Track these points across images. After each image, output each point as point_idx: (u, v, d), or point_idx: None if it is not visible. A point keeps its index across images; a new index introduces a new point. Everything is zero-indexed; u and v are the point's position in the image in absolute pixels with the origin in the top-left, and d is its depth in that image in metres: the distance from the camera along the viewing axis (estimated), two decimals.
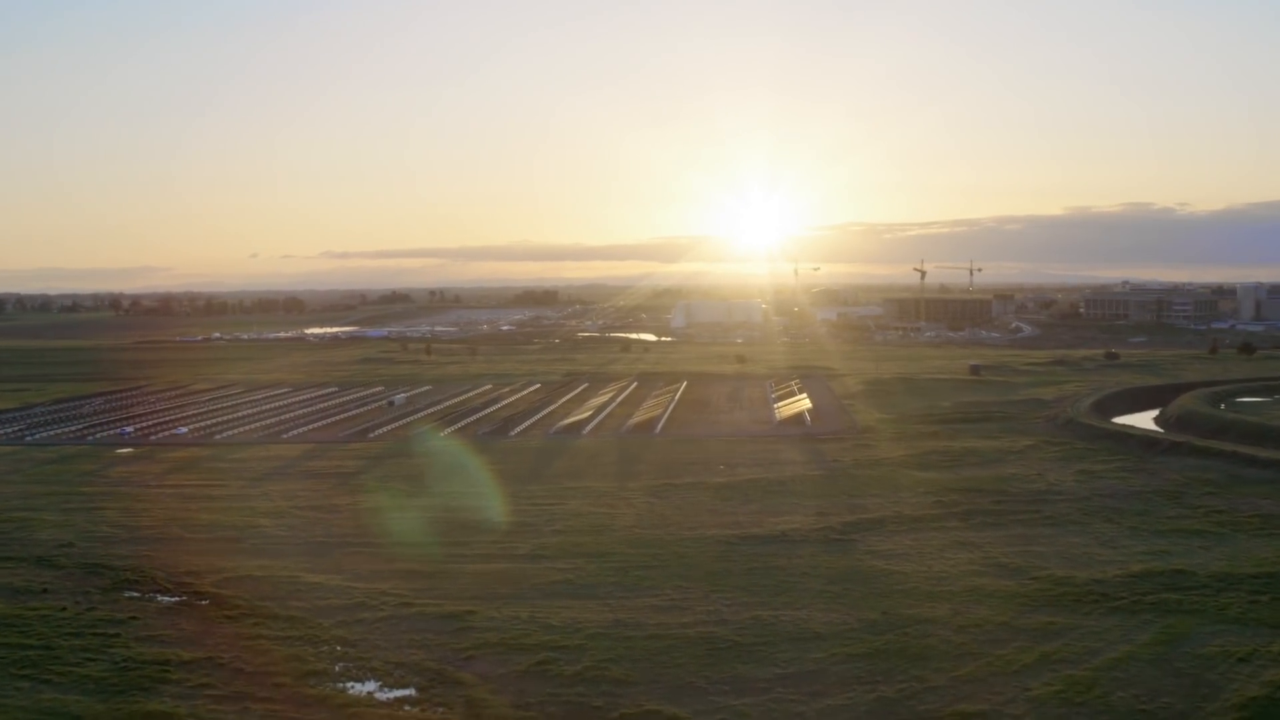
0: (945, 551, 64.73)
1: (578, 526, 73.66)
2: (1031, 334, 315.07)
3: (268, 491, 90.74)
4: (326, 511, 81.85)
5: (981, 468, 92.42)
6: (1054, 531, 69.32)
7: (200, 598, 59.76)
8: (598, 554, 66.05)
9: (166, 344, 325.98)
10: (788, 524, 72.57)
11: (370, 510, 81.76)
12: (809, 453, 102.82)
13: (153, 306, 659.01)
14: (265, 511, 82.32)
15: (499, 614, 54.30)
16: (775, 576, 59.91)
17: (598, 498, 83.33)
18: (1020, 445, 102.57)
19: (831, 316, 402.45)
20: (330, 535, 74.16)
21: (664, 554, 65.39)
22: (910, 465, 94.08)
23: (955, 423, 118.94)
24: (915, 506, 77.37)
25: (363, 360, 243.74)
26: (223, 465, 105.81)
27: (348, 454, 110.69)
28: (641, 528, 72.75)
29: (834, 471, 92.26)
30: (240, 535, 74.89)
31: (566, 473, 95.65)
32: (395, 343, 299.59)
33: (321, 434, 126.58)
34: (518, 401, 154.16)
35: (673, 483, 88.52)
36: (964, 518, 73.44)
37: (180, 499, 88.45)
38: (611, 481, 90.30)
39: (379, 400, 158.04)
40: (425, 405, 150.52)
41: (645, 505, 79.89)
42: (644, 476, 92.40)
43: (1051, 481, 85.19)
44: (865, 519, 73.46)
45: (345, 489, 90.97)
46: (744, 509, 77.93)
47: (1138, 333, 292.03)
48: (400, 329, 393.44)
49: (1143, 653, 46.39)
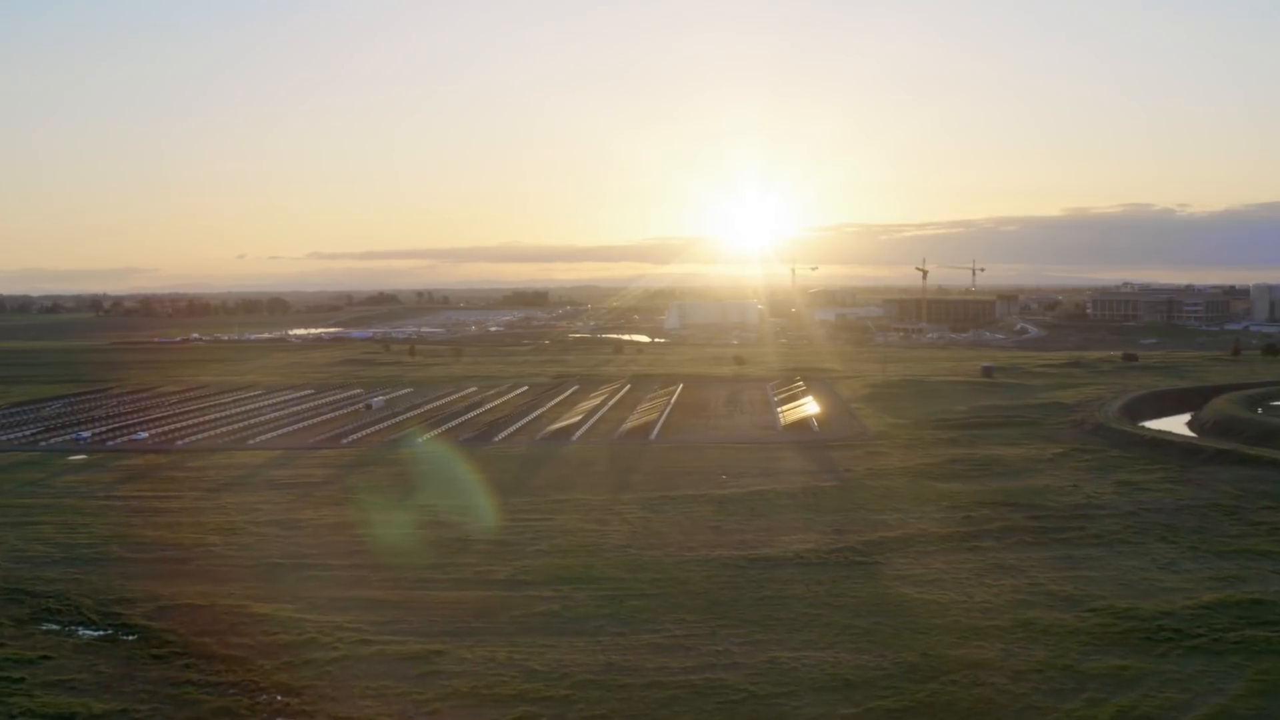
0: (984, 577, 57.45)
1: (565, 546, 66.22)
2: (1037, 335, 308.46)
3: (224, 504, 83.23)
4: (286, 528, 74.30)
5: (1010, 478, 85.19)
6: (1103, 552, 62.07)
7: (128, 631, 52.32)
8: (587, 579, 58.64)
9: (143, 345, 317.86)
10: (801, 543, 65.22)
11: (335, 526, 74.25)
12: (818, 461, 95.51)
13: (134, 307, 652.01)
14: (217, 527, 74.79)
15: (471, 655, 46.89)
16: (792, 607, 52.55)
17: (587, 512, 75.88)
18: (1049, 453, 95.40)
19: (830, 318, 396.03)
20: (287, 556, 66.62)
21: (663, 579, 57.99)
22: (931, 475, 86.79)
23: (974, 428, 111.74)
24: (942, 523, 70.08)
25: (343, 362, 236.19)
26: (179, 474, 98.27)
27: (317, 462, 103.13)
28: (637, 548, 65.32)
29: (847, 483, 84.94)
30: (186, 555, 67.40)
31: (554, 483, 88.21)
32: (379, 344, 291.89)
33: (290, 439, 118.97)
34: (503, 405, 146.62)
35: (670, 495, 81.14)
36: (999, 536, 66.17)
37: (127, 512, 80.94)
38: (603, 493, 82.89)
39: (356, 404, 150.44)
40: (404, 409, 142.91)
41: (640, 521, 72.47)
42: (639, 488, 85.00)
43: (1090, 494, 77.97)
44: (888, 537, 66.15)
45: (310, 501, 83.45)
46: (751, 526, 70.56)
47: (1148, 334, 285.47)
48: (385, 330, 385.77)
49: (1241, 707, 39.21)
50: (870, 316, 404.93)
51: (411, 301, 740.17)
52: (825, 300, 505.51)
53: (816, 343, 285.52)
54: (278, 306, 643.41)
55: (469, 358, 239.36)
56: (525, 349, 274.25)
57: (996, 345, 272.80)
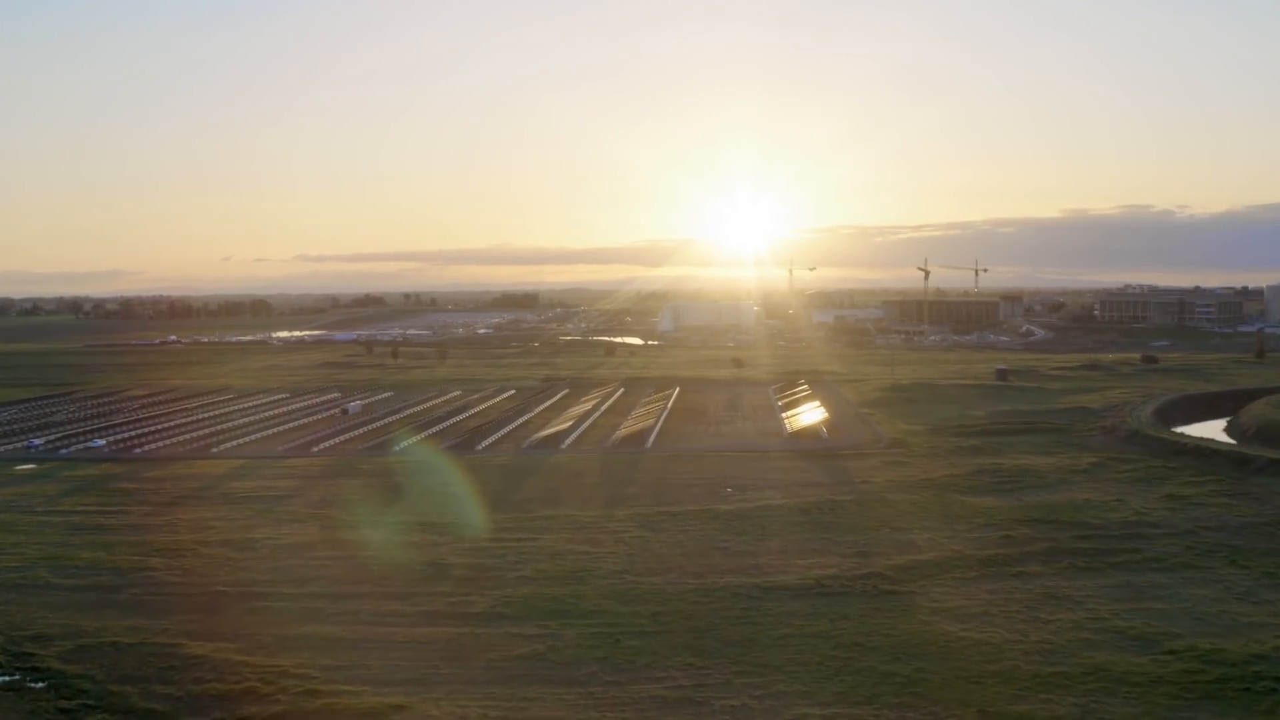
0: (1037, 609, 50.23)
1: (552, 572, 58.83)
2: (1044, 337, 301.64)
3: (173, 520, 75.73)
4: (239, 549, 66.82)
5: (1046, 491, 78.02)
6: (1168, 579, 54.89)
7: (37, 677, 44.98)
8: (577, 613, 51.32)
9: (119, 347, 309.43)
10: (822, 569, 57.94)
11: (293, 548, 66.78)
12: (832, 472, 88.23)
13: (115, 310, 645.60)
14: (162, 548, 67.34)
15: (438, 710, 39.64)
16: (818, 649, 45.28)
17: (577, 530, 68.50)
18: (1083, 463, 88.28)
19: (828, 319, 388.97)
20: (235, 583, 59.19)
21: (665, 614, 50.66)
22: (958, 488, 79.55)
23: (997, 435, 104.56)
24: (978, 543, 62.86)
25: (323, 364, 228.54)
26: (130, 486, 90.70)
27: (282, 472, 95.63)
28: (634, 574, 57.98)
29: (866, 496, 77.63)
30: (121, 581, 60.01)
31: (540, 497, 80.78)
32: (361, 346, 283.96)
33: (257, 447, 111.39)
34: (488, 410, 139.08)
35: (670, 511, 73.79)
36: (1046, 559, 58.96)
37: (66, 530, 73.51)
38: (595, 509, 75.51)
39: (331, 409, 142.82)
40: (383, 414, 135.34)
41: (638, 542, 65.12)
42: (635, 502, 77.64)
43: (1139, 510, 70.78)
44: (920, 561, 58.90)
45: (268, 518, 75.94)
46: (763, 547, 63.24)
47: (1159, 336, 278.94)
48: (370, 332, 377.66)
49: None
50: (870, 318, 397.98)
51: (398, 304, 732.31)
52: (822, 302, 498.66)
53: (816, 345, 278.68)
54: (261, 309, 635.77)
55: (454, 360, 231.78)
56: (513, 351, 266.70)
57: (1002, 348, 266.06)
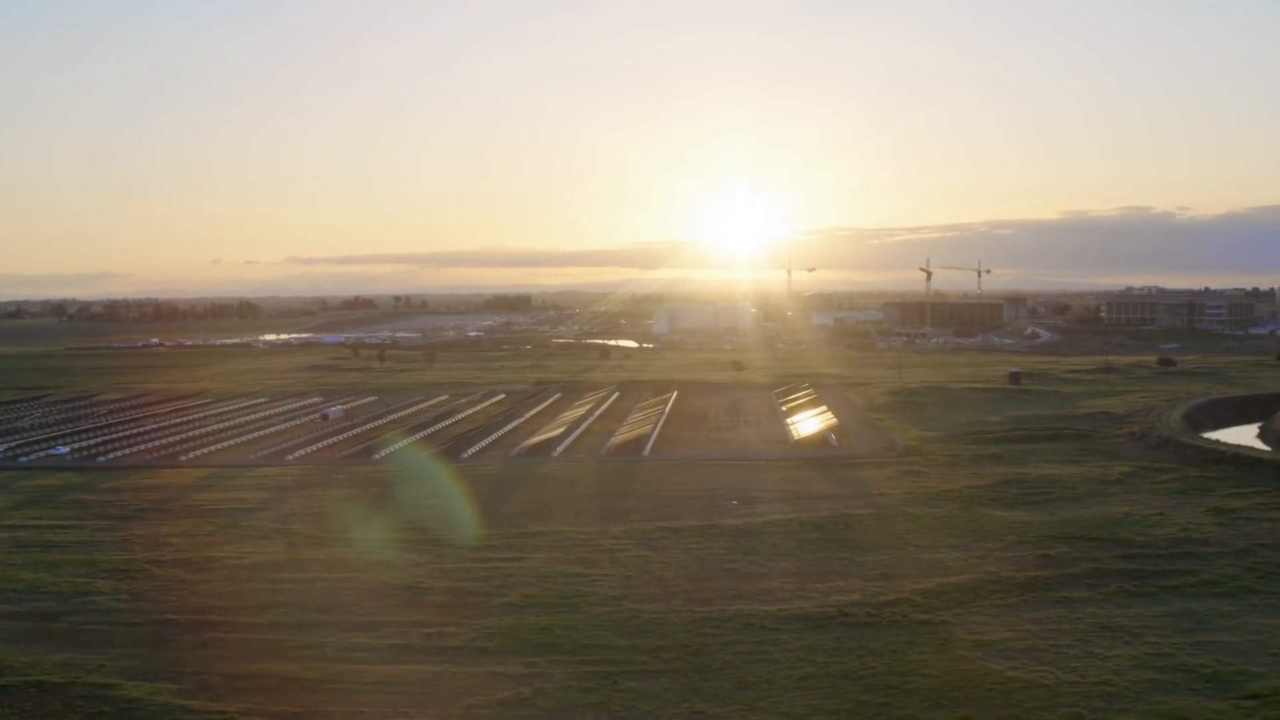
0: (1090, 642, 44.60)
1: (541, 597, 53.08)
2: (1051, 339, 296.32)
3: (127, 537, 69.93)
4: (195, 570, 61.01)
5: (1079, 504, 72.42)
6: (1232, 606, 49.30)
7: None
8: (569, 647, 45.60)
9: (101, 350, 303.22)
10: (844, 594, 52.25)
11: (255, 568, 60.97)
12: (844, 483, 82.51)
13: (100, 312, 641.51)
14: (111, 568, 61.58)
15: None
16: (848, 693, 39.62)
17: (570, 549, 62.74)
18: (1115, 472, 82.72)
19: (827, 322, 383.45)
20: (187, 609, 53.40)
21: (669, 649, 44.94)
22: (983, 500, 73.92)
23: (1018, 442, 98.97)
24: (1013, 564, 57.23)
25: (306, 368, 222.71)
26: (89, 498, 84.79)
27: (252, 483, 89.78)
28: (633, 600, 52.25)
29: (885, 510, 71.96)
30: (61, 608, 54.24)
31: (530, 511, 75.00)
32: (348, 349, 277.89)
33: (228, 455, 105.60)
34: (476, 415, 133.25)
35: (671, 526, 68.07)
36: (1091, 583, 53.34)
37: (9, 547, 67.74)
38: (589, 524, 69.76)
39: (311, 414, 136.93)
40: (364, 419, 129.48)
41: (636, 562, 59.39)
42: (632, 517, 71.88)
43: (1184, 525, 65.18)
44: (952, 585, 53.23)
45: (233, 533, 70.19)
46: (776, 569, 57.54)
47: (1169, 338, 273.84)
48: (359, 335, 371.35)
49: None
50: (870, 320, 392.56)
51: (388, 306, 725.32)
52: (821, 304, 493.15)
53: (815, 347, 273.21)
54: (249, 311, 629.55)
55: (443, 363, 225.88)
56: (504, 354, 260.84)
57: (1008, 350, 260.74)
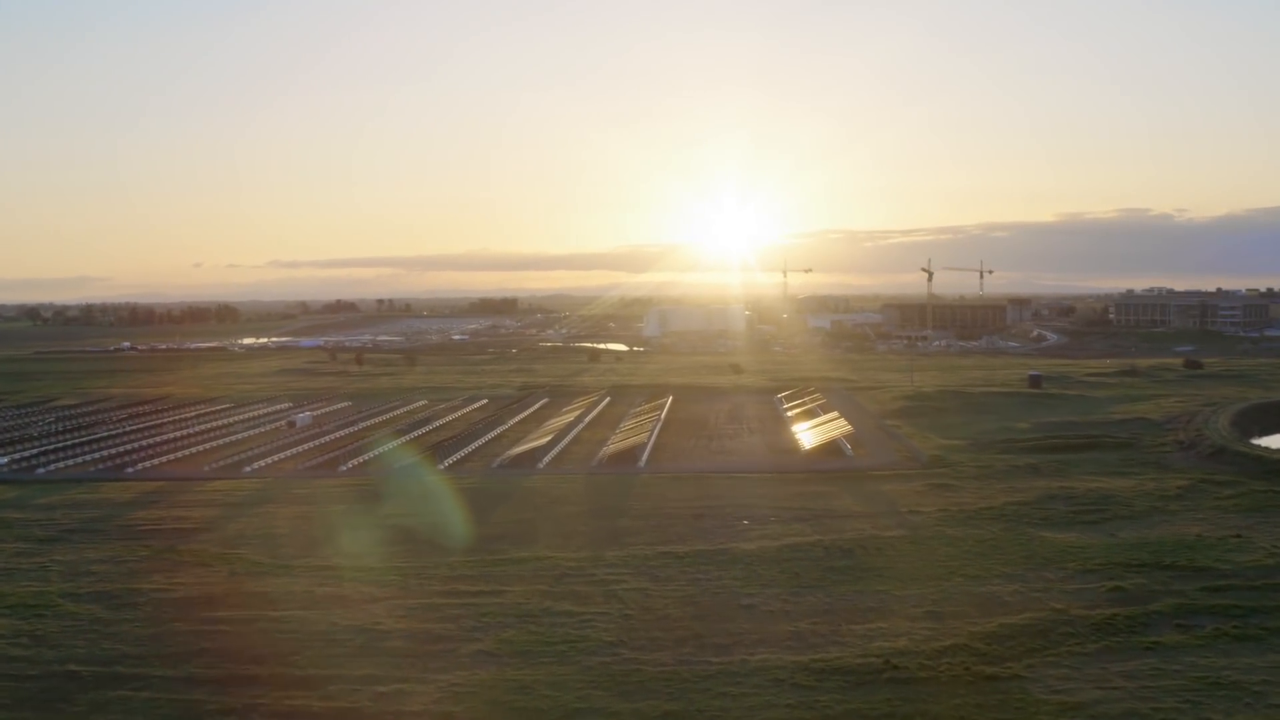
0: (1203, 705, 36.39)
1: (522, 643, 44.57)
2: (1058, 342, 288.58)
3: (45, 564, 61.21)
4: (113, 606, 52.34)
5: (1140, 524, 64.19)
6: None
7: None
8: (556, 712, 37.10)
9: (70, 354, 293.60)
10: (887, 638, 43.86)
11: (184, 603, 52.30)
12: (868, 499, 74.11)
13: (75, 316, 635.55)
14: (18, 602, 53.05)
15: None
16: None
17: (557, 580, 54.22)
18: (1171, 486, 74.51)
19: (824, 324, 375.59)
20: (94, 658, 44.78)
21: (682, 714, 36.48)
22: (1029, 519, 65.62)
23: (1054, 451, 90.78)
24: (1082, 598, 48.92)
25: (280, 372, 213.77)
26: (14, 515, 76.07)
27: (201, 498, 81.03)
28: (633, 646, 43.79)
29: (919, 531, 63.58)
30: None
31: (511, 532, 66.43)
32: (325, 352, 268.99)
33: (179, 467, 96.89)
34: (455, 422, 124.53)
35: (675, 551, 59.59)
36: (1181, 624, 45.10)
37: None
38: (579, 548, 61.25)
39: (277, 421, 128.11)
40: (334, 427, 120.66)
41: (636, 597, 50.90)
42: (630, 539, 63.38)
43: (1271, 550, 56.98)
44: (1014, 626, 44.88)
45: (168, 559, 61.53)
46: (802, 605, 49.09)
47: (1182, 340, 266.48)
48: (339, 338, 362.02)
49: None
50: (869, 323, 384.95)
51: (371, 310, 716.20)
52: (816, 307, 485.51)
53: (814, 350, 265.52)
54: (228, 315, 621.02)
55: (424, 367, 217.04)
56: (489, 358, 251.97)
57: (1014, 353, 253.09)
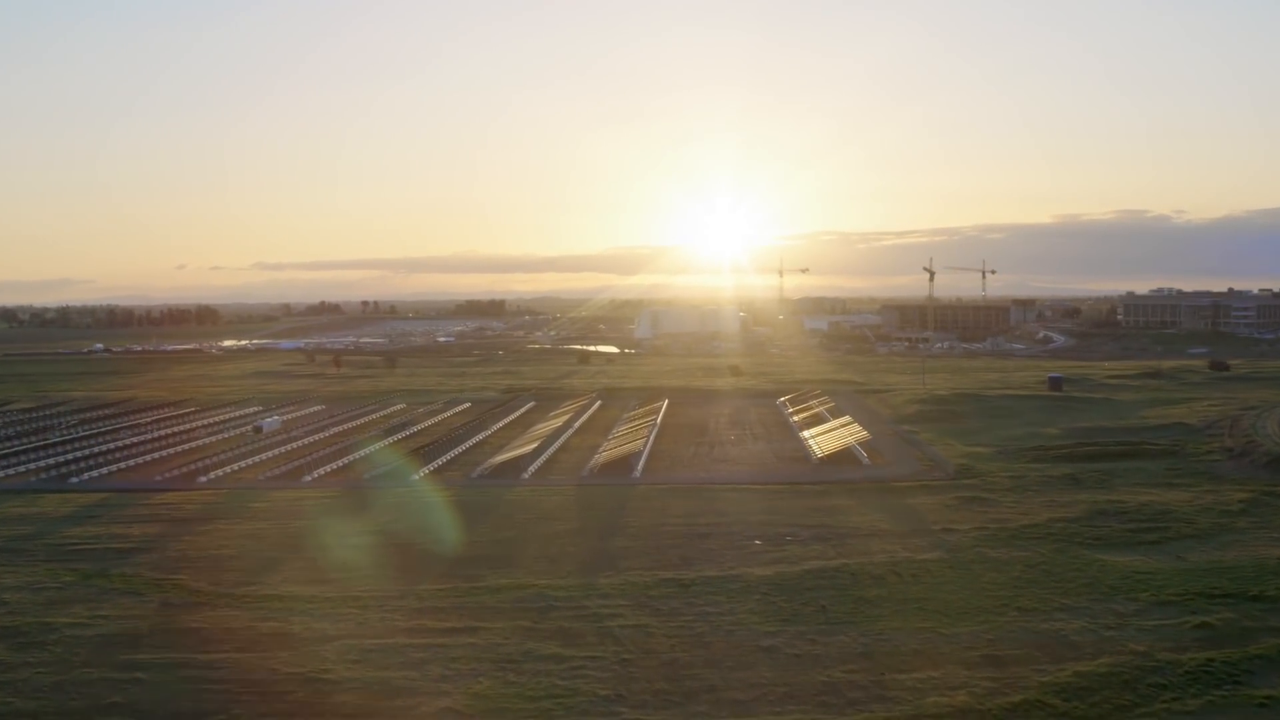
0: None
1: (497, 699, 37.11)
2: (1065, 344, 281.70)
3: None
4: (21, 645, 44.88)
5: (1209, 544, 56.99)
6: None
7: None
8: None
9: (41, 356, 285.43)
10: (944, 691, 36.52)
11: (104, 642, 44.71)
12: (893, 514, 66.71)
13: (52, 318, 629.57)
14: None
15: None
16: None
17: (542, 614, 46.72)
18: (1231, 499, 67.33)
19: (821, 326, 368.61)
20: None
21: None
22: (1081, 539, 58.35)
23: (1091, 460, 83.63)
24: (1166, 638, 41.63)
25: (254, 374, 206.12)
26: None
27: (145, 512, 73.36)
28: (634, 702, 36.33)
29: (958, 554, 56.22)
30: None
31: (490, 554, 58.89)
32: (303, 355, 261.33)
33: (130, 475, 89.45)
34: (434, 427, 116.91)
35: (679, 578, 52.11)
36: None
37: None
38: (568, 574, 53.75)
39: (243, 425, 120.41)
40: (303, 433, 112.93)
41: (636, 636, 43.42)
42: (625, 563, 55.89)
43: None
44: (1093, 675, 37.56)
45: (94, 586, 53.90)
46: (834, 647, 41.66)
47: (1194, 342, 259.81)
48: (320, 340, 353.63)
49: None
50: (867, 325, 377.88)
51: (355, 312, 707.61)
52: (812, 308, 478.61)
53: (812, 352, 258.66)
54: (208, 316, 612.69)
55: (405, 369, 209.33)
56: (474, 359, 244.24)
57: (1023, 355, 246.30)
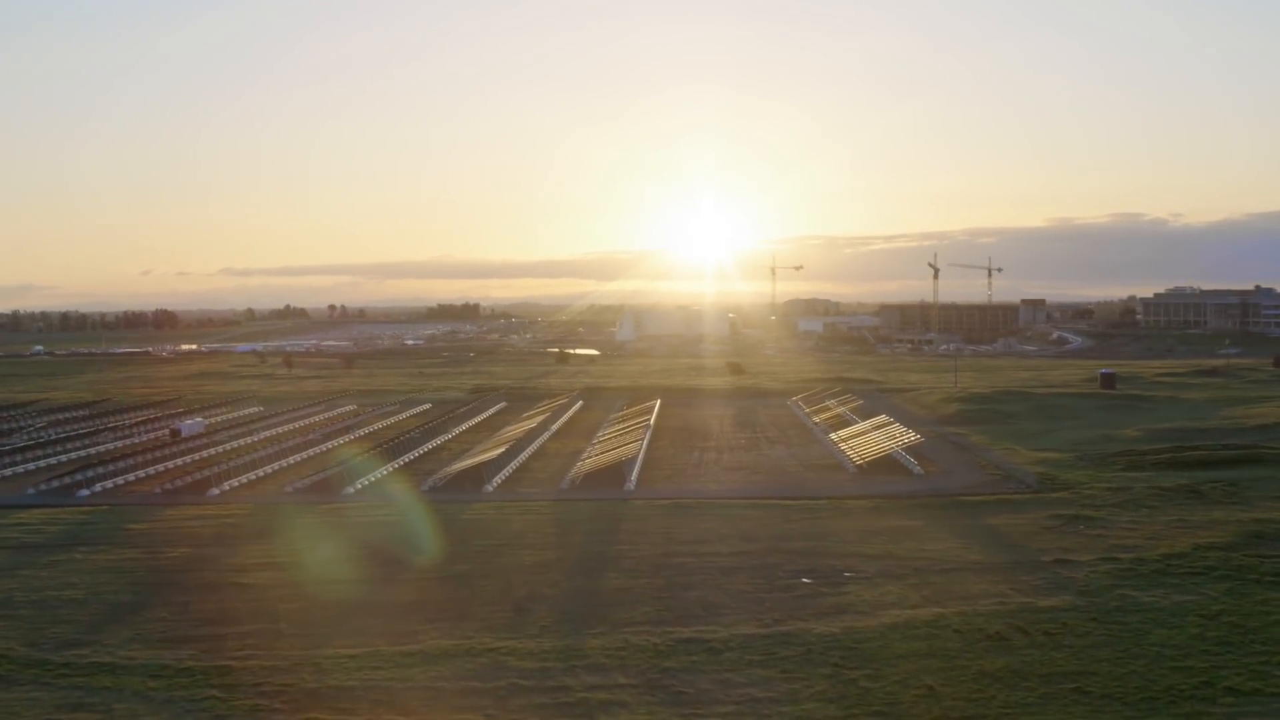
0: None
1: None
2: (1082, 345, 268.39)
3: None
4: None
5: None
6: None
7: None
8: None
9: None
10: None
11: None
12: (980, 539, 51.52)
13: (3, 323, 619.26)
14: None
15: None
16: None
17: (500, 700, 31.31)
18: None
19: (816, 328, 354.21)
20: None
21: None
22: (1261, 578, 43.34)
23: (1200, 468, 68.77)
24: None
25: (198, 375, 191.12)
26: None
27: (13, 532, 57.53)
28: None
29: (1094, 598, 41.11)
30: None
31: (433, 598, 43.39)
32: (255, 356, 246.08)
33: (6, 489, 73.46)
34: (385, 430, 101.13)
35: (704, 638, 36.83)
36: None
37: None
38: (541, 630, 38.34)
39: (159, 428, 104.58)
40: (229, 436, 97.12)
41: None
42: (623, 612, 40.47)
43: None
44: None
45: None
46: None
47: (1222, 342, 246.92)
48: (281, 344, 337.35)
49: None
50: (865, 326, 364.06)
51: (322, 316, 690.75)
52: (804, 310, 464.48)
53: (809, 354, 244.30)
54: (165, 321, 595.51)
55: (363, 370, 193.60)
56: (441, 361, 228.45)
57: (1035, 356, 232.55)
